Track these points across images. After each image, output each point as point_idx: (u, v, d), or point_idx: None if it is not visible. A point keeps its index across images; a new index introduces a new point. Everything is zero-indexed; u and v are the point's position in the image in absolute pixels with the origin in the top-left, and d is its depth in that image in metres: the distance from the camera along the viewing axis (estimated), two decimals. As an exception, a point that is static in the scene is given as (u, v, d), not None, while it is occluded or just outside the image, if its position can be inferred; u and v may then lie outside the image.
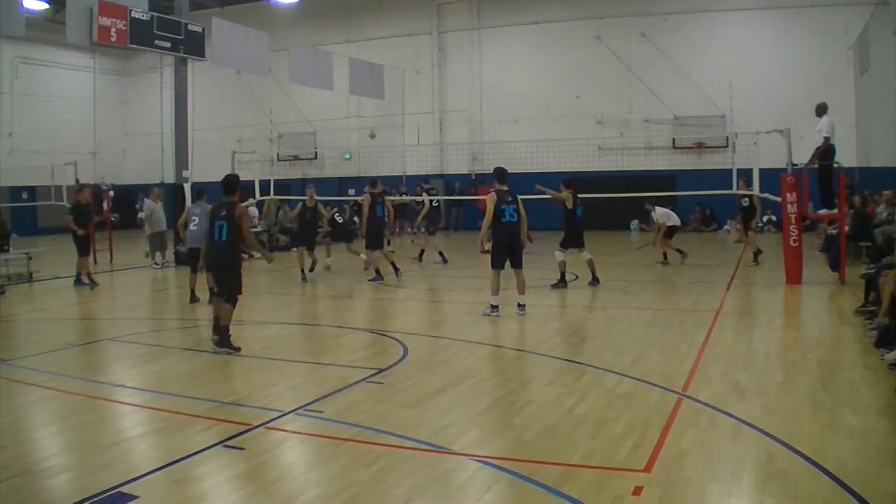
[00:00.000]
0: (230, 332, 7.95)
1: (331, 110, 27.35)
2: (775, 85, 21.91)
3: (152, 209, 16.51)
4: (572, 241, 12.24)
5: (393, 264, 13.78)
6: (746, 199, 14.50)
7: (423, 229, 17.45)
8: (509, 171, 9.93)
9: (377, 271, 13.39)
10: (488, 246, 10.10)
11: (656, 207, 15.20)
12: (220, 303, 7.99)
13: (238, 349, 7.87)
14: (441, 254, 16.29)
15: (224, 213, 7.93)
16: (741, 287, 12.04)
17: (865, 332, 8.06)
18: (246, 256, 15.71)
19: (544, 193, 12.58)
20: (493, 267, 9.75)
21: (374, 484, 4.36)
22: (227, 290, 7.98)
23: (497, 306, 9.65)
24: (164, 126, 28.66)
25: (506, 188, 9.82)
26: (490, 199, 9.69)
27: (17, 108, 27.27)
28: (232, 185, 8.13)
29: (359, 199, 16.55)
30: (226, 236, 7.88)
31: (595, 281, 12.21)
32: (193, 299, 11.33)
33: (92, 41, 16.09)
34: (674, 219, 15.14)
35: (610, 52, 24.47)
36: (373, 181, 14.26)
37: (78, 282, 13.76)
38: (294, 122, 28.55)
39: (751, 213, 14.67)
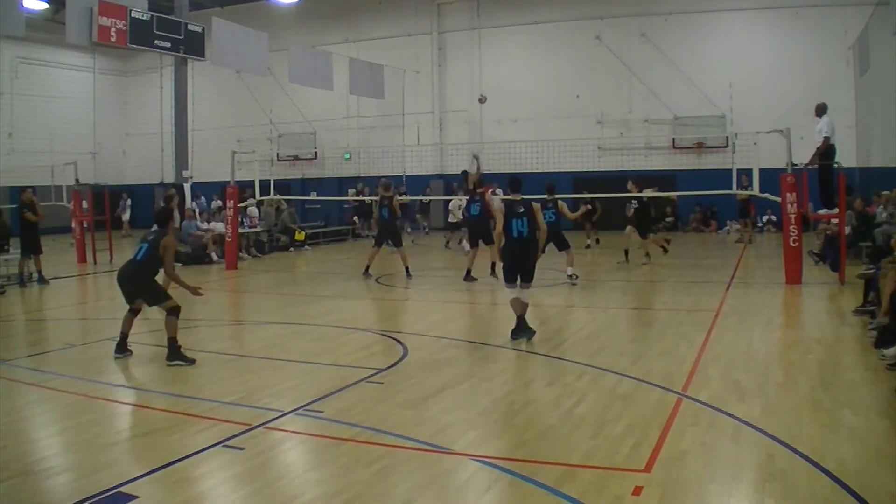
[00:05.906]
0: None
1: (331, 110, 27.33)
2: (775, 85, 21.89)
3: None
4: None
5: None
6: (635, 202, 14.65)
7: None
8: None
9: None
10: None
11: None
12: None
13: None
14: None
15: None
16: (741, 287, 12.03)
17: (865, 332, 8.05)
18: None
19: None
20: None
21: (374, 484, 4.36)
22: None
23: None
24: (164, 126, 28.65)
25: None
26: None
27: (17, 108, 27.23)
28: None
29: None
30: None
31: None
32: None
33: (92, 41, 16.12)
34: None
35: (610, 53, 24.46)
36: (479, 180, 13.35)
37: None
38: (294, 122, 28.53)
39: (645, 216, 14.91)
